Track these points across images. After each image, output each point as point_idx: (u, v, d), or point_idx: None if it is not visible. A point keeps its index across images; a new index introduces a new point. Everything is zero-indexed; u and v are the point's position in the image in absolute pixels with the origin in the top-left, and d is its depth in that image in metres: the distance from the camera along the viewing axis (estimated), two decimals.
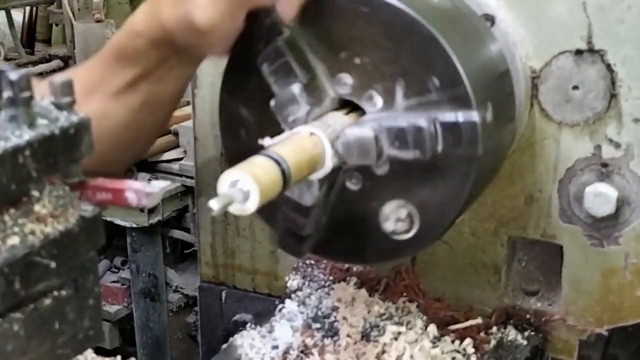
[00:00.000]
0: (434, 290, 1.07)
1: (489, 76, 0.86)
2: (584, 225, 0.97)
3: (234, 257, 1.21)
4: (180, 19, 0.86)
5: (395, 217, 0.81)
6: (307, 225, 0.81)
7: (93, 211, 0.71)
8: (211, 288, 1.24)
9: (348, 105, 0.83)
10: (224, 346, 1.01)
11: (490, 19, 0.93)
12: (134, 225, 2.58)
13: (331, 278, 1.08)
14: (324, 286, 1.05)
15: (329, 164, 0.77)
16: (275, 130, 0.80)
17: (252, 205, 0.68)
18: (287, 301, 1.06)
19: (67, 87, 0.70)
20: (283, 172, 0.70)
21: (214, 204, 0.65)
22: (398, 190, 0.82)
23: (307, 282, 1.09)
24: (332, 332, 0.97)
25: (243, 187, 0.67)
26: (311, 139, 0.77)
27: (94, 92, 0.96)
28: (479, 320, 1.01)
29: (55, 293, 0.70)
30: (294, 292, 1.09)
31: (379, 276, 1.07)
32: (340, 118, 0.81)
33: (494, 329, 1.02)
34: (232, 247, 1.20)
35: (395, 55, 0.78)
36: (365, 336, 0.95)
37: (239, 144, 0.87)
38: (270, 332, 1.01)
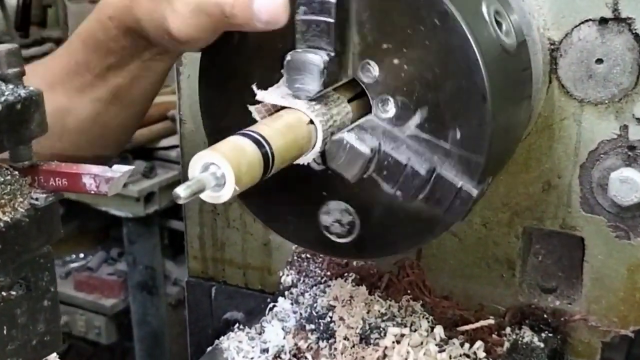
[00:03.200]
0: (442, 287, 0.97)
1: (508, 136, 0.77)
2: (608, 215, 0.87)
3: (224, 250, 1.11)
4: (155, 20, 0.76)
5: (336, 216, 0.74)
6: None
7: (46, 200, 0.61)
8: (200, 284, 1.15)
9: (355, 89, 0.73)
10: (209, 349, 0.91)
11: None
12: (130, 216, 2.50)
13: (328, 273, 0.98)
14: (320, 282, 0.95)
15: (312, 154, 0.68)
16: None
17: (226, 192, 0.58)
18: (280, 299, 0.97)
19: (14, 57, 0.60)
20: (265, 156, 0.61)
21: (181, 191, 0.55)
22: (354, 197, 0.74)
23: (302, 278, 1.00)
24: (328, 334, 0.88)
25: (217, 171, 0.58)
26: (305, 125, 0.67)
27: (58, 84, 0.86)
28: (490, 321, 0.91)
29: (4, 293, 0.61)
30: (289, 288, 1.00)
31: (380, 272, 0.98)
32: (344, 110, 0.71)
33: (508, 329, 0.93)
34: (222, 240, 1.11)
35: (436, 82, 0.68)
36: (365, 339, 0.86)
37: (220, 115, 0.79)
38: (260, 333, 0.91)
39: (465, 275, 0.97)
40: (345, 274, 0.95)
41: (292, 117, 0.66)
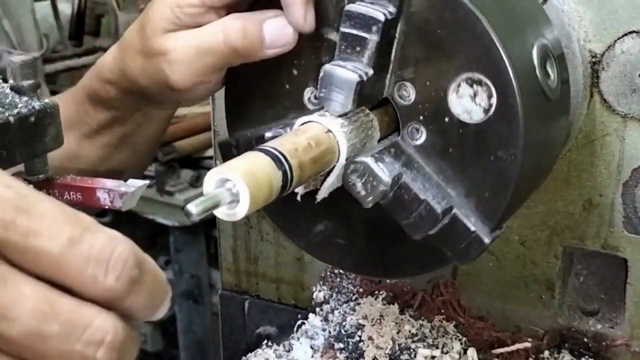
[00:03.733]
0: (478, 307, 0.94)
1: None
2: None
3: (257, 263, 1.10)
4: (152, 75, 0.75)
5: (468, 95, 0.64)
6: (432, 208, 0.66)
7: None
8: (233, 297, 1.13)
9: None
10: None
11: None
12: (176, 224, 2.50)
13: (360, 290, 0.96)
14: (350, 300, 0.93)
15: (343, 153, 0.65)
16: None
17: (241, 210, 0.56)
18: (311, 316, 0.94)
19: (29, 69, 0.59)
20: (284, 173, 0.59)
21: (193, 207, 0.53)
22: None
23: (334, 295, 0.98)
24: (357, 354, 0.85)
25: (232, 187, 0.56)
26: (327, 138, 0.64)
27: (68, 129, 0.86)
28: (527, 344, 0.88)
29: None
30: (320, 304, 0.97)
31: (414, 290, 0.95)
32: (370, 122, 0.68)
33: (546, 353, 0.89)
34: (255, 253, 1.09)
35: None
36: (394, 359, 0.83)
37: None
38: (288, 351, 0.89)
39: (502, 295, 0.93)
40: (376, 292, 0.92)
41: (314, 130, 0.64)
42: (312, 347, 0.88)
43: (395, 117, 0.69)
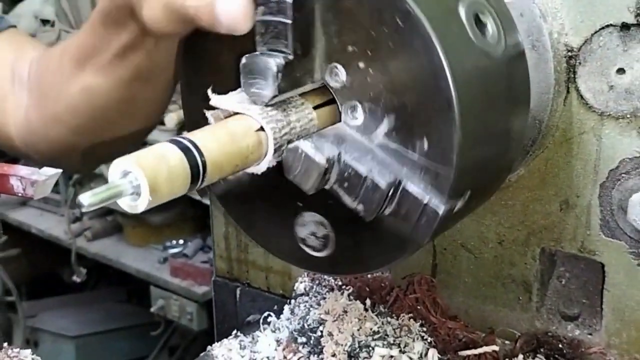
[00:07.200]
0: (456, 306, 0.91)
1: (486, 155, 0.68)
2: (629, 241, 0.79)
3: (248, 251, 1.09)
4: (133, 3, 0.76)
5: (311, 229, 0.70)
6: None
7: None
8: (226, 284, 1.13)
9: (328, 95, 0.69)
10: (201, 354, 0.89)
11: None
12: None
13: (339, 283, 0.94)
14: (318, 293, 0.91)
15: (265, 164, 0.64)
16: None
17: (142, 203, 0.55)
18: (285, 308, 0.93)
19: None
20: (194, 167, 0.58)
21: (85, 199, 0.53)
22: (325, 208, 0.69)
23: (315, 287, 0.96)
24: (319, 349, 0.84)
25: (134, 180, 0.55)
26: (253, 132, 0.63)
27: (85, 63, 0.88)
28: (495, 347, 0.84)
29: None
30: (300, 296, 0.96)
31: (392, 285, 0.92)
32: (307, 117, 0.67)
33: (520, 357, 0.85)
34: (246, 241, 1.09)
35: (402, 87, 0.62)
36: (353, 357, 0.81)
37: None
38: (254, 342, 0.88)
39: (480, 295, 0.90)
40: (343, 287, 0.90)
41: (238, 123, 0.62)
42: (277, 341, 0.87)
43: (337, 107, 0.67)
